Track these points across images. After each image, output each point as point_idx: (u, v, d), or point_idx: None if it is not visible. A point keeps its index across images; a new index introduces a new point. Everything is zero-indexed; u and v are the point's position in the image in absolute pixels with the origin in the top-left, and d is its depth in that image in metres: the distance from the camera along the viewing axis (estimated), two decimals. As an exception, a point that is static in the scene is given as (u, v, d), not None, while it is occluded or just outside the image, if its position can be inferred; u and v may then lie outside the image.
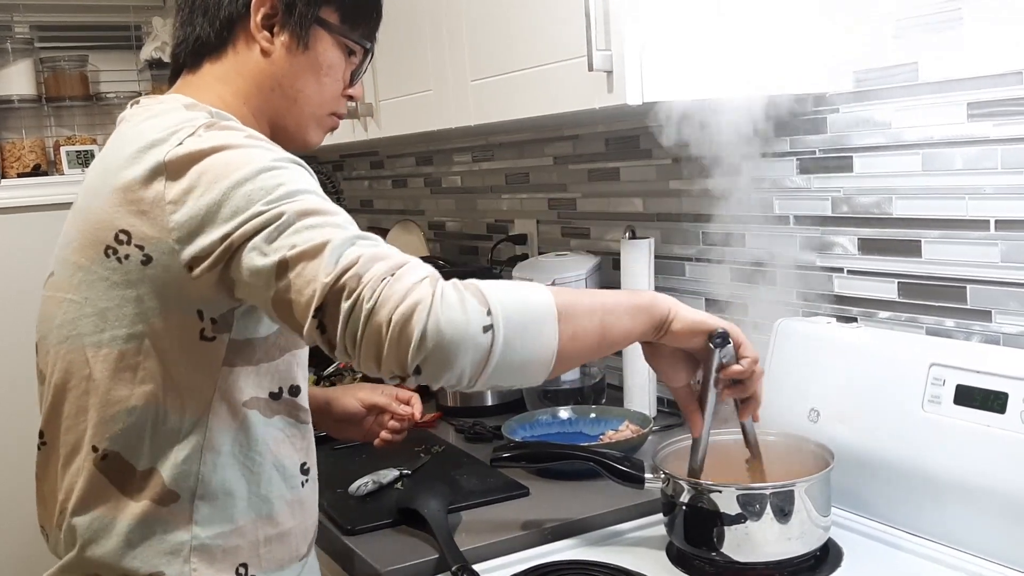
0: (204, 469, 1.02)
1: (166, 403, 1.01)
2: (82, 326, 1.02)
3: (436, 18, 1.66)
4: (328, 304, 0.87)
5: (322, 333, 0.88)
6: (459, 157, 2.49)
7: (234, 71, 1.11)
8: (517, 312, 0.90)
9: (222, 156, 0.95)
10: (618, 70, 1.24)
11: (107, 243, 0.99)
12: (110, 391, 1.01)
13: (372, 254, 0.88)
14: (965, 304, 1.28)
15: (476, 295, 0.88)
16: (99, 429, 1.02)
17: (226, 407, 1.03)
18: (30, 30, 2.96)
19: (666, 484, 1.19)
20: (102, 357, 1.01)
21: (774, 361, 1.42)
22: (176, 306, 0.98)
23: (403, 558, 1.22)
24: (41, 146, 2.94)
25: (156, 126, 1.00)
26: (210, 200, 0.93)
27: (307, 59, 1.12)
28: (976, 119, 1.23)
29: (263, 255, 0.90)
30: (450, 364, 0.86)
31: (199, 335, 0.99)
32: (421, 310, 0.85)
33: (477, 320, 0.87)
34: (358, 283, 0.86)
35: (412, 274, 0.87)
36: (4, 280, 2.82)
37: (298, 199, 0.92)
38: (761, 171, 1.54)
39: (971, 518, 1.14)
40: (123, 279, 0.99)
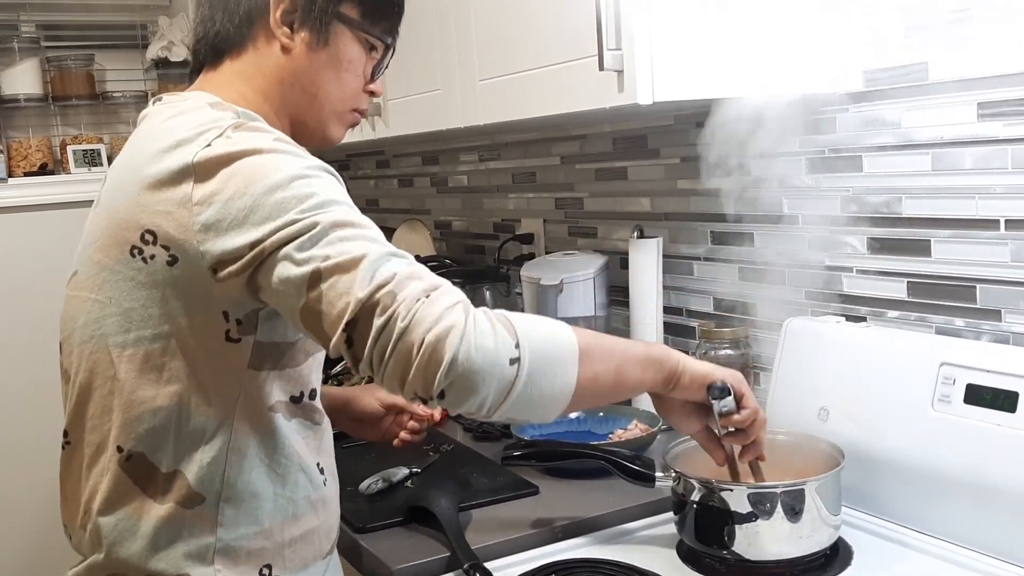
0: (230, 471, 1.02)
1: (191, 404, 1.01)
2: (107, 326, 1.02)
3: (444, 18, 1.67)
4: (360, 319, 0.87)
5: (349, 347, 0.88)
6: (465, 156, 2.49)
7: (254, 68, 1.11)
8: (543, 347, 0.91)
9: (252, 160, 0.94)
10: (629, 70, 1.25)
11: (132, 243, 0.98)
12: (135, 391, 1.01)
13: (408, 272, 0.89)
14: (975, 304, 1.28)
15: (506, 326, 0.90)
16: (124, 429, 1.02)
17: (251, 411, 1.03)
18: (36, 29, 2.96)
19: (677, 483, 1.19)
20: (127, 357, 1.01)
21: (783, 361, 1.42)
22: (202, 307, 0.98)
23: (414, 556, 1.22)
24: (47, 145, 2.94)
25: (182, 125, 0.99)
26: (240, 205, 0.92)
27: (327, 55, 1.11)
28: (986, 119, 1.24)
29: (295, 264, 0.90)
30: (475, 391, 0.87)
31: (224, 336, 0.99)
32: (455, 334, 0.85)
33: (505, 351, 0.88)
34: (393, 300, 0.86)
35: (446, 297, 0.88)
36: (11, 278, 2.83)
37: (331, 209, 0.92)
38: (770, 170, 1.55)
39: (981, 517, 1.15)
40: (148, 279, 0.98)
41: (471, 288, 1.99)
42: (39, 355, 2.77)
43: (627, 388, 1.04)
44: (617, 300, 1.88)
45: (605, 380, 0.99)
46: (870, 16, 1.36)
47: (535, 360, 0.90)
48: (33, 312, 2.73)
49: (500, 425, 1.70)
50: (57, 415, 1.12)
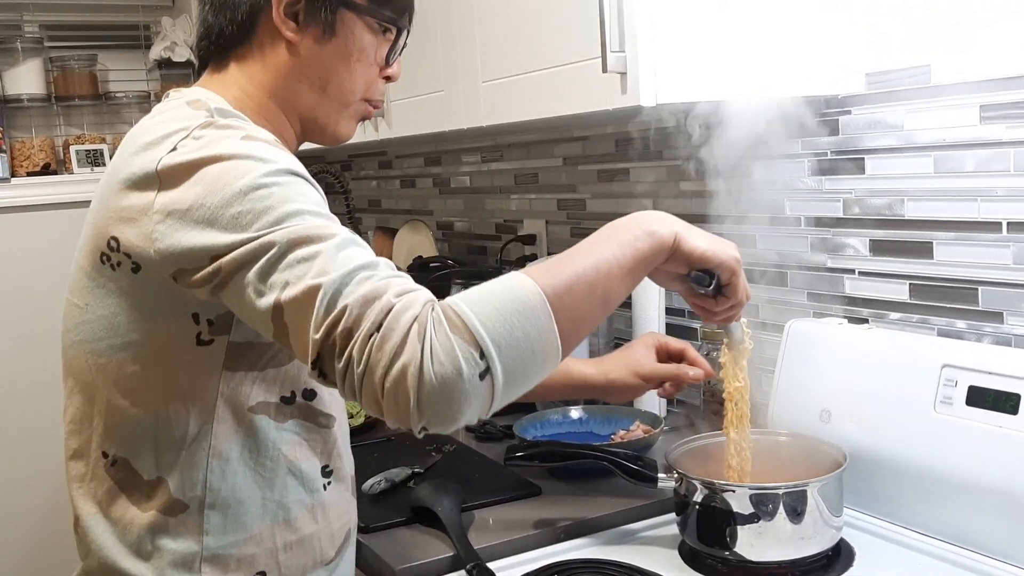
0: (212, 477, 1.00)
1: (168, 411, 0.99)
2: (84, 333, 1.01)
3: (448, 20, 1.67)
4: (324, 359, 0.84)
5: (324, 379, 0.85)
6: (468, 157, 2.50)
7: (259, 64, 1.07)
8: (510, 338, 0.83)
9: (213, 169, 0.91)
10: (632, 71, 1.25)
11: (102, 249, 0.98)
12: (111, 399, 1.00)
13: (361, 298, 0.82)
14: (977, 306, 1.28)
15: (464, 335, 0.81)
16: (106, 435, 1.02)
17: (231, 413, 1.01)
18: (39, 29, 2.97)
19: (679, 484, 1.20)
20: (101, 366, 1.00)
21: (785, 362, 1.43)
22: (170, 312, 0.96)
23: (417, 556, 1.22)
24: (50, 145, 2.95)
25: (155, 127, 0.98)
26: (199, 216, 0.90)
27: (335, 46, 1.06)
28: (989, 121, 1.24)
29: (259, 294, 0.87)
30: (454, 418, 0.83)
31: (196, 340, 0.97)
32: (412, 376, 0.80)
33: (471, 370, 0.81)
34: (348, 341, 0.82)
35: (398, 326, 0.81)
36: (14, 278, 2.83)
37: (289, 224, 0.87)
38: (772, 172, 1.55)
39: (983, 518, 1.15)
40: (117, 287, 0.97)
41: (473, 289, 1.99)
42: (41, 355, 2.78)
43: (619, 300, 0.96)
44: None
45: (590, 315, 0.91)
46: (873, 18, 1.37)
47: (507, 357, 0.83)
48: (35, 312, 2.74)
49: (502, 425, 1.71)
50: (59, 413, 1.12)
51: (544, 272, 0.89)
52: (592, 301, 0.91)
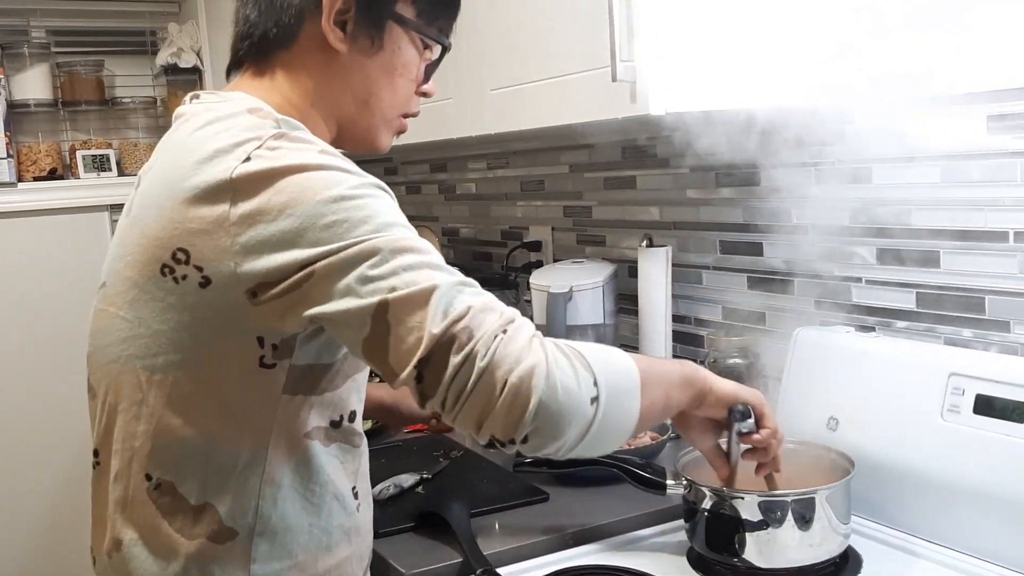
0: (263, 504, 0.97)
1: (222, 434, 0.95)
2: (135, 348, 0.96)
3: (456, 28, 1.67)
4: (435, 355, 0.82)
5: (419, 382, 0.83)
6: (474, 164, 2.51)
7: (303, 70, 1.04)
8: (616, 382, 0.87)
9: (298, 178, 0.88)
10: (641, 81, 1.26)
11: (164, 261, 0.92)
12: (163, 419, 0.96)
13: (482, 305, 0.84)
14: (983, 315, 1.29)
15: (582, 362, 0.85)
16: (152, 457, 0.97)
17: (286, 439, 0.97)
18: (47, 35, 2.98)
19: (688, 490, 1.20)
20: (156, 383, 0.95)
21: (792, 370, 1.43)
22: (235, 332, 0.92)
23: (427, 561, 1.23)
24: (57, 150, 2.96)
25: (219, 134, 0.93)
26: (286, 226, 0.86)
27: (381, 59, 1.05)
28: (996, 132, 1.25)
29: (357, 296, 0.84)
30: (559, 435, 0.83)
31: (258, 362, 0.93)
32: (539, 374, 0.81)
33: (587, 391, 0.84)
34: (470, 337, 0.81)
35: (523, 332, 0.84)
36: (21, 282, 2.84)
37: (390, 233, 0.86)
38: (779, 180, 1.56)
39: (990, 527, 1.16)
40: (179, 301, 0.92)
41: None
42: (48, 358, 2.80)
43: (671, 411, 1.02)
44: (625, 308, 1.89)
45: (657, 407, 0.97)
46: (880, 28, 1.37)
47: (610, 396, 0.86)
48: (42, 316, 2.74)
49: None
50: (66, 418, 1.10)
51: (633, 357, 0.93)
52: (660, 395, 0.97)
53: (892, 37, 1.36)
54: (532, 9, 1.47)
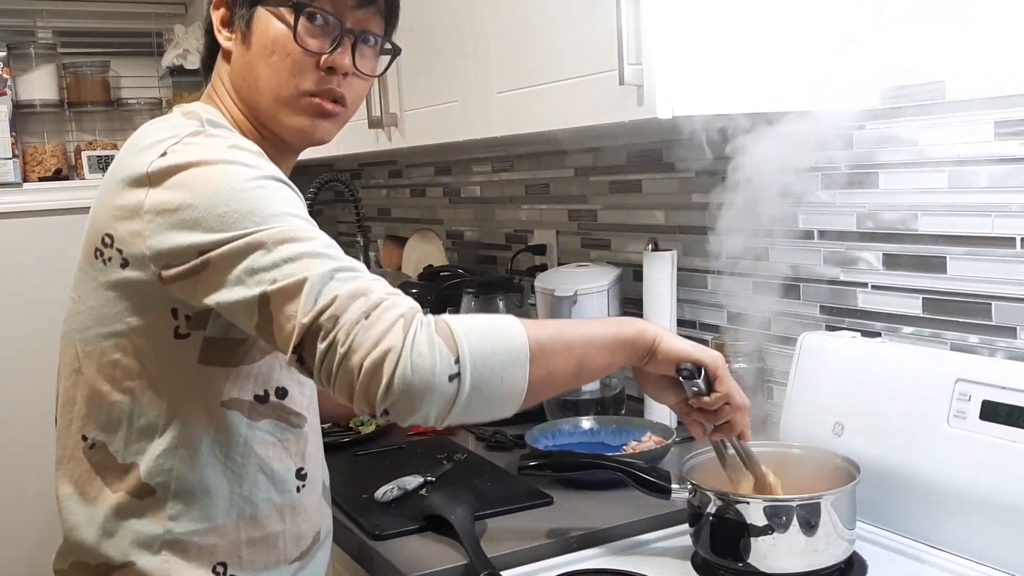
0: (180, 466, 1.06)
1: (143, 400, 1.05)
2: (75, 323, 1.08)
3: (462, 31, 1.68)
4: (306, 342, 0.90)
5: (301, 364, 0.92)
6: (478, 167, 2.51)
7: (224, 77, 1.15)
8: (486, 357, 0.92)
9: (201, 171, 0.97)
10: (648, 84, 1.26)
11: (96, 245, 1.04)
12: (93, 385, 1.07)
13: (350, 291, 0.91)
14: (990, 321, 1.29)
15: (447, 340, 0.91)
16: (87, 419, 1.08)
17: (203, 407, 1.06)
18: (53, 36, 2.99)
19: (693, 495, 1.20)
20: (87, 353, 1.07)
21: (798, 375, 1.43)
22: (152, 306, 1.02)
23: (430, 564, 1.23)
24: (62, 150, 2.97)
25: (151, 133, 1.05)
26: (186, 216, 0.96)
27: (257, 44, 1.10)
28: (1003, 138, 1.25)
29: (244, 286, 0.93)
30: (415, 409, 0.90)
31: (173, 333, 1.03)
32: (390, 359, 0.88)
33: (443, 369, 0.90)
34: (334, 325, 0.89)
35: (386, 317, 0.90)
36: (26, 282, 2.84)
37: (276, 224, 0.94)
38: (786, 185, 1.55)
39: (996, 533, 1.15)
40: (106, 280, 1.04)
41: (484, 298, 2.00)
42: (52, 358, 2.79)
43: (594, 373, 1.06)
44: (630, 312, 1.88)
45: (564, 373, 1.00)
46: (888, 34, 1.37)
47: (478, 371, 0.91)
48: (47, 315, 2.72)
49: (512, 435, 1.71)
50: None
51: (533, 323, 0.98)
52: (568, 362, 1.00)
53: (895, 29, 1.36)
54: (539, 12, 1.47)
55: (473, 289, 2.02)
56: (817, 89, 1.38)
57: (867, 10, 1.38)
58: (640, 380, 1.16)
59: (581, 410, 1.74)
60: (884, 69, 1.38)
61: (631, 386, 1.85)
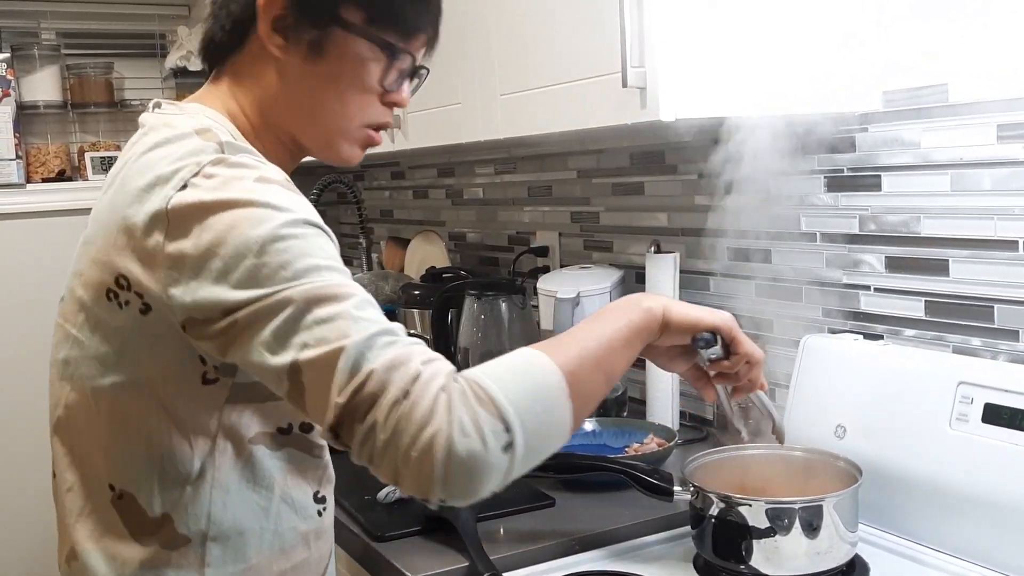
0: (214, 509, 0.99)
1: (171, 446, 0.97)
2: (84, 368, 0.98)
3: (464, 32, 1.68)
4: (343, 423, 0.82)
5: (336, 440, 0.84)
6: (481, 169, 2.51)
7: (251, 79, 1.02)
8: (532, 413, 0.85)
9: (225, 217, 0.87)
10: (652, 87, 1.26)
11: (108, 286, 0.94)
12: (115, 435, 0.98)
13: (387, 362, 0.82)
14: (992, 324, 1.29)
15: (490, 408, 0.82)
16: (111, 470, 0.99)
17: (231, 445, 0.99)
18: (57, 37, 2.99)
19: (695, 497, 1.20)
20: (106, 402, 0.97)
21: (800, 378, 1.43)
22: (177, 353, 0.93)
23: (433, 565, 1.23)
24: (66, 151, 2.97)
25: (163, 158, 0.92)
26: (212, 267, 0.86)
27: (326, 66, 1.00)
28: (1006, 141, 1.25)
29: (274, 353, 0.84)
30: (475, 492, 0.83)
31: (201, 379, 0.95)
32: (439, 447, 0.80)
33: (496, 444, 0.82)
34: (372, 405, 0.81)
35: (427, 393, 0.81)
36: (29, 283, 2.84)
37: (308, 281, 0.85)
38: (788, 188, 1.56)
39: (998, 536, 1.15)
40: (123, 325, 0.94)
41: (486, 301, 2.00)
42: (53, 360, 2.80)
43: (619, 376, 1.00)
44: (632, 314, 1.88)
45: (597, 391, 0.94)
46: (891, 36, 1.38)
47: (527, 431, 0.84)
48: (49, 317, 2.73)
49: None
50: None
51: (556, 348, 0.91)
52: (599, 378, 0.94)
53: (897, 27, 1.36)
54: (542, 14, 1.48)
55: (475, 291, 2.02)
56: (820, 92, 1.38)
57: (868, 8, 1.39)
58: (648, 354, 1.08)
59: (583, 412, 1.74)
60: (886, 68, 1.38)
61: (633, 388, 1.85)
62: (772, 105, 1.35)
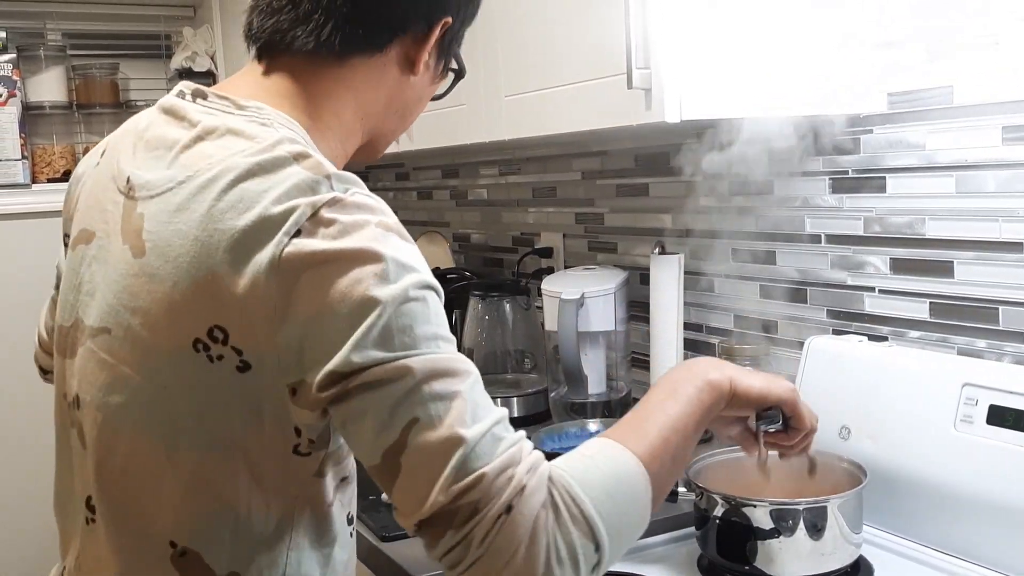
0: (290, 570, 0.93)
1: (250, 509, 0.90)
2: (158, 419, 0.88)
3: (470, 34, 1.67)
4: (434, 522, 0.78)
5: (416, 531, 0.81)
6: (485, 170, 2.51)
7: (375, 82, 0.98)
8: (620, 525, 0.84)
9: (350, 272, 0.79)
10: (657, 88, 1.26)
11: (197, 336, 0.83)
12: (187, 493, 0.89)
13: (499, 468, 0.78)
14: (997, 325, 1.29)
15: (584, 530, 0.80)
16: (177, 526, 0.90)
17: (312, 509, 0.94)
18: (62, 38, 3.00)
19: (699, 498, 1.20)
20: (180, 458, 0.88)
21: (805, 379, 1.43)
22: (272, 420, 0.86)
23: (437, 566, 1.22)
24: (71, 152, 2.98)
25: (265, 191, 0.82)
26: (330, 326, 0.79)
27: (433, 82, 1.05)
28: (1011, 142, 1.25)
29: (381, 425, 0.79)
30: None
31: (292, 449, 0.88)
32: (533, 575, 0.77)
33: (587, 567, 0.80)
34: (472, 514, 0.77)
35: (527, 510, 0.78)
36: (33, 283, 2.85)
37: (430, 351, 0.80)
38: (793, 190, 1.56)
39: (1003, 537, 1.15)
40: (211, 382, 0.84)
41: (490, 302, 2.00)
42: (58, 360, 2.80)
43: (689, 460, 1.00)
44: (637, 316, 1.89)
45: (671, 481, 0.94)
46: (895, 38, 1.38)
47: (615, 545, 0.83)
48: (54, 317, 2.75)
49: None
50: None
51: (638, 440, 0.89)
52: (675, 468, 0.93)
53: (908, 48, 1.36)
54: (547, 15, 1.48)
55: (479, 292, 2.03)
56: (825, 94, 1.38)
57: (869, 9, 1.39)
58: None
59: (587, 413, 1.74)
60: (891, 69, 1.38)
61: (637, 389, 1.85)
62: (777, 107, 1.36)
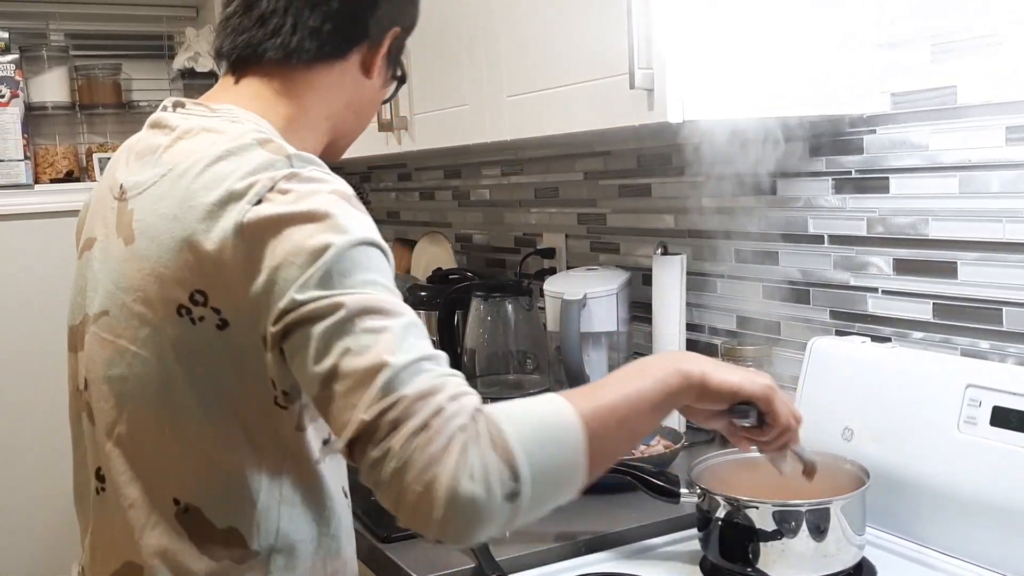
0: (283, 524, 1.00)
1: (243, 465, 0.98)
2: (154, 387, 0.97)
3: (473, 34, 1.68)
4: (360, 441, 0.83)
5: (348, 456, 0.85)
6: (488, 171, 2.51)
7: (337, 87, 1.08)
8: (543, 464, 0.85)
9: (304, 229, 0.88)
10: (659, 88, 1.26)
11: (180, 302, 0.93)
12: (185, 453, 0.98)
13: (418, 392, 0.82)
14: (1001, 326, 1.29)
15: (503, 454, 0.82)
16: (180, 484, 0.99)
17: (299, 465, 1.01)
18: (65, 38, 3.00)
19: (702, 499, 1.20)
20: (181, 421, 0.97)
21: (808, 380, 1.43)
22: (252, 374, 0.94)
23: (439, 566, 1.23)
24: (74, 152, 2.98)
25: (232, 172, 0.93)
26: (286, 275, 0.87)
27: (384, 86, 1.14)
28: (1015, 143, 1.24)
29: (318, 354, 0.85)
30: (471, 536, 0.83)
31: (273, 402, 0.96)
32: (443, 487, 0.79)
33: (500, 492, 0.81)
34: (391, 431, 0.81)
35: (445, 430, 0.81)
36: (36, 283, 2.85)
37: (364, 292, 0.87)
38: (796, 190, 1.56)
39: (1006, 539, 1.15)
40: (197, 343, 0.94)
41: (493, 302, 2.00)
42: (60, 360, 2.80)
43: (642, 436, 1.00)
44: (639, 316, 1.89)
45: (616, 450, 0.94)
46: (899, 38, 1.37)
47: (537, 485, 0.84)
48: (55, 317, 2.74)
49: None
50: None
51: (584, 400, 0.90)
52: (620, 436, 0.93)
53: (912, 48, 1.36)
54: (549, 15, 1.48)
55: (482, 292, 2.02)
56: (826, 93, 1.38)
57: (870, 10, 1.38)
58: (685, 413, 1.09)
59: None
60: (894, 70, 1.38)
61: (640, 390, 1.85)
62: (780, 107, 1.35)
